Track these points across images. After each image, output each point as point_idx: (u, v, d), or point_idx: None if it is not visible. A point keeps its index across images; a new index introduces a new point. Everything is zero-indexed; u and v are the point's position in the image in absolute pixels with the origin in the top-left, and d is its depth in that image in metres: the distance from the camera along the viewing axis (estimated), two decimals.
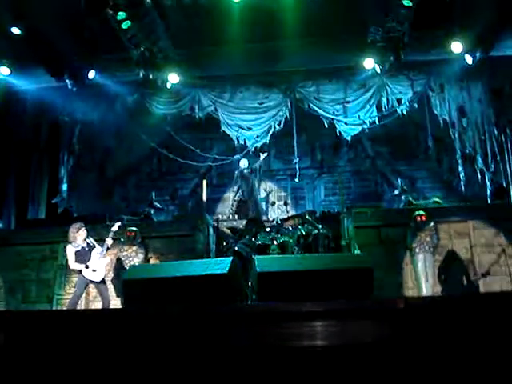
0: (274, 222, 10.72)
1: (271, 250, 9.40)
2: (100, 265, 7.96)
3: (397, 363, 2.91)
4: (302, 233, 9.80)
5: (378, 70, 11.91)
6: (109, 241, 8.15)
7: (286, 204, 12.25)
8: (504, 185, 11.71)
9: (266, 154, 12.65)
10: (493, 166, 12.02)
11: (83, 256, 7.91)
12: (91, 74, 11.94)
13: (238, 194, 12.27)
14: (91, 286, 8.22)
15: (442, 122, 12.52)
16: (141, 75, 11.85)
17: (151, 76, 11.97)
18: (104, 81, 12.28)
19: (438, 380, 2.05)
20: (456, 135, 12.53)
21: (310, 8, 10.47)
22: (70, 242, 7.96)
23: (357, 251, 8.71)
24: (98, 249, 8.05)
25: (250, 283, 7.10)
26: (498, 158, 12.07)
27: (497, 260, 8.71)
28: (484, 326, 3.07)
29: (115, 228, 8.32)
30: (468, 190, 12.38)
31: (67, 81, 11.76)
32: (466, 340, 2.16)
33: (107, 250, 8.20)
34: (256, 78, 12.95)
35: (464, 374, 2.04)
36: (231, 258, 6.10)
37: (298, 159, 12.95)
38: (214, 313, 3.50)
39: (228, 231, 10.68)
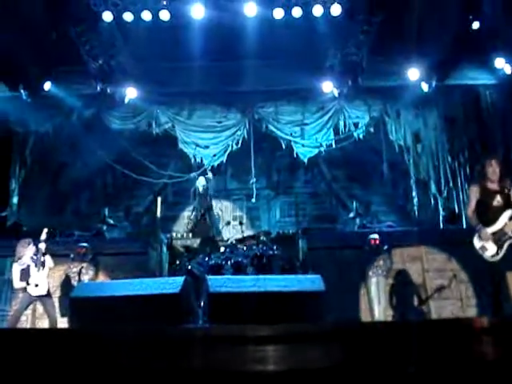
0: (229, 242, 10.62)
1: (225, 270, 9.30)
2: (40, 277, 7.64)
3: None
4: (256, 253, 9.73)
5: (336, 94, 12.07)
6: (41, 245, 7.74)
7: (241, 224, 12.10)
8: (456, 210, 11.90)
9: (210, 176, 12.42)
10: (445, 191, 12.22)
11: (28, 274, 7.64)
12: (47, 86, 11.71)
13: (193, 213, 12.07)
14: (38, 302, 7.95)
15: (397, 147, 12.71)
16: (98, 89, 11.70)
17: (109, 90, 11.81)
18: (60, 93, 12.00)
19: None
20: (411, 161, 12.72)
21: (271, 29, 10.56)
22: (17, 260, 7.69)
23: (311, 273, 8.68)
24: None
25: (201, 303, 7.01)
26: (451, 184, 12.29)
27: (448, 284, 8.83)
28: (436, 350, 3.06)
29: (43, 236, 7.84)
30: (421, 215, 12.53)
31: (22, 91, 11.46)
32: (419, 364, 2.12)
33: (43, 257, 7.72)
34: (215, 96, 12.86)
35: None
36: (183, 277, 6.00)
37: (254, 179, 12.88)
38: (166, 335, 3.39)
39: (182, 250, 10.51)
